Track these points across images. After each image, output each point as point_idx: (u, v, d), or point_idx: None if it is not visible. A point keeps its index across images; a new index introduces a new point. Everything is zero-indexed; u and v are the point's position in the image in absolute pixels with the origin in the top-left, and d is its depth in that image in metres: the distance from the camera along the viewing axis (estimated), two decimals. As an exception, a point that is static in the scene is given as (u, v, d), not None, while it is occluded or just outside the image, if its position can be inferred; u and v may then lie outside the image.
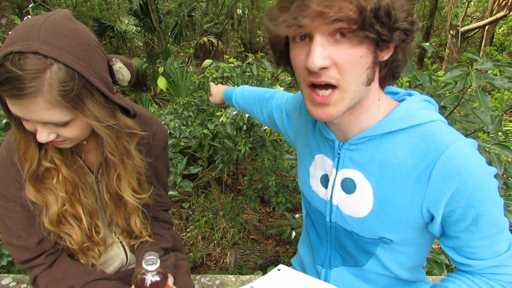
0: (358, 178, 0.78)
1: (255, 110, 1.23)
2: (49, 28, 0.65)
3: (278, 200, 2.49)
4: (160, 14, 7.50)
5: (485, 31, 7.53)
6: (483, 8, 11.10)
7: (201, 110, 2.85)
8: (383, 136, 0.74)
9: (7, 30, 3.07)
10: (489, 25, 7.13)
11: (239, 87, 1.31)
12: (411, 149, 0.71)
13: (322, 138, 0.86)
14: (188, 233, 2.73)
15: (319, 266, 0.96)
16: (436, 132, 0.70)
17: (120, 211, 0.96)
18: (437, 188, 0.68)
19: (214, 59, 2.88)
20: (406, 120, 0.72)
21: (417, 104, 0.75)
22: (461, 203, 0.67)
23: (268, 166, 2.86)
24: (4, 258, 1.47)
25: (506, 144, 1.41)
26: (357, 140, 0.76)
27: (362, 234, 0.81)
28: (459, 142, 0.67)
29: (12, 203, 0.82)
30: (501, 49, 10.19)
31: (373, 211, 0.77)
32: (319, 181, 0.88)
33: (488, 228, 0.69)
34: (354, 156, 0.78)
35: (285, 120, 1.06)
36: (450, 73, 1.37)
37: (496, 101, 4.36)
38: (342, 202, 0.82)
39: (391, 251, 0.83)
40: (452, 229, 0.72)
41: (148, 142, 0.97)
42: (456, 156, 0.66)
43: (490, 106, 1.32)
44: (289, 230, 2.01)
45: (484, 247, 0.72)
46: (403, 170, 0.72)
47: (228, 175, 3.43)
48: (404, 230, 0.76)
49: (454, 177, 0.66)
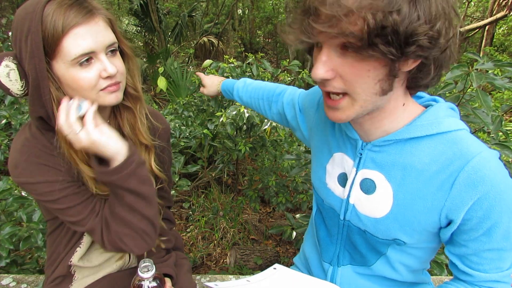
0: (379, 180, 0.78)
1: (262, 105, 1.21)
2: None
3: (278, 200, 2.49)
4: (160, 14, 7.49)
5: (485, 31, 7.53)
6: (483, 8, 11.10)
7: (201, 110, 2.85)
8: (408, 141, 0.74)
9: (7, 30, 3.06)
10: (489, 25, 7.13)
11: (241, 80, 1.27)
12: (436, 156, 0.71)
13: (343, 137, 0.85)
14: (188, 233, 2.73)
15: (326, 263, 0.96)
16: (463, 141, 0.70)
17: None
18: (459, 196, 0.69)
19: (214, 59, 2.87)
20: (434, 126, 0.72)
21: (444, 111, 0.75)
22: (479, 212, 0.68)
23: (268, 166, 2.85)
24: (2, 259, 1.47)
25: (506, 144, 1.41)
26: (382, 142, 0.76)
27: (376, 234, 0.82)
28: (485, 153, 0.68)
29: (55, 171, 0.81)
30: (501, 50, 10.19)
31: (391, 212, 0.77)
32: (336, 179, 0.87)
33: (498, 241, 0.70)
34: (377, 158, 0.78)
35: (298, 116, 1.05)
36: (451, 73, 1.37)
37: (496, 101, 4.36)
38: (360, 201, 0.82)
39: (401, 253, 0.83)
40: (463, 238, 0.73)
41: (155, 131, 0.99)
42: (482, 166, 0.67)
43: (491, 106, 1.32)
44: (290, 230, 2.00)
45: (490, 260, 0.73)
46: (426, 175, 0.72)
47: (228, 175, 3.43)
48: (419, 233, 0.77)
49: (477, 187, 0.66)
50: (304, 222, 1.92)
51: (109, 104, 0.82)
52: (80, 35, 0.73)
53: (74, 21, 0.72)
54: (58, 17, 0.72)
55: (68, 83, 0.77)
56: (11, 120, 1.84)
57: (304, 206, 2.37)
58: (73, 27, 0.73)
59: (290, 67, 2.47)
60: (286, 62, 2.59)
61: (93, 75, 0.77)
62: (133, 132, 0.92)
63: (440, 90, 1.51)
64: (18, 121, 1.82)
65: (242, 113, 2.15)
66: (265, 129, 2.53)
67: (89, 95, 0.79)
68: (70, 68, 0.75)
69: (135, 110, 0.92)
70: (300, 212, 2.32)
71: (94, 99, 0.80)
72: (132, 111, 0.92)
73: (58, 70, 0.76)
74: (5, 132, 1.82)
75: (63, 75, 0.76)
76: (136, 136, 0.93)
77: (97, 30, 0.76)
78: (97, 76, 0.77)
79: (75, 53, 0.73)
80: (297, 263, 1.16)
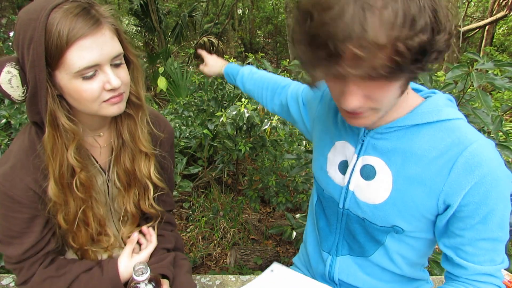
0: (379, 165, 0.80)
1: (264, 95, 1.21)
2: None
3: (278, 200, 2.49)
4: (161, 14, 7.49)
5: (485, 31, 7.53)
6: (483, 8, 11.10)
7: (201, 110, 2.85)
8: (410, 128, 0.77)
9: (7, 30, 3.07)
10: (489, 25, 7.13)
11: (247, 67, 1.27)
12: (435, 142, 0.74)
13: (345, 125, 0.87)
14: (188, 233, 2.73)
15: (325, 253, 0.97)
16: (462, 128, 0.73)
17: (131, 192, 0.98)
18: (457, 180, 0.70)
19: (214, 59, 2.87)
20: (434, 114, 0.74)
21: (444, 101, 0.78)
22: (476, 197, 0.69)
23: (268, 166, 2.85)
24: (2, 260, 1.47)
25: (506, 144, 1.41)
26: (385, 129, 0.78)
27: (374, 222, 0.83)
28: (482, 141, 0.71)
29: (18, 204, 0.81)
30: (501, 50, 10.19)
31: (390, 198, 0.79)
32: (337, 167, 0.89)
33: (494, 229, 0.71)
34: (378, 144, 0.80)
35: (302, 110, 1.07)
36: (451, 73, 1.37)
37: (496, 101, 4.36)
38: (359, 188, 0.83)
39: (399, 242, 0.84)
40: (459, 226, 0.73)
41: (156, 139, 0.99)
42: (479, 152, 0.69)
43: (491, 106, 1.32)
44: (290, 230, 2.00)
45: (485, 251, 0.73)
46: (425, 161, 0.74)
47: (228, 175, 3.43)
48: (417, 219, 0.78)
49: (474, 171, 0.68)
50: (304, 222, 1.92)
51: (110, 115, 0.82)
52: (85, 47, 0.71)
53: (80, 32, 0.70)
54: (63, 27, 0.69)
55: (71, 93, 0.76)
56: (11, 120, 1.84)
57: (304, 206, 2.37)
58: (78, 38, 0.70)
59: (290, 67, 2.47)
60: (286, 62, 2.59)
61: (96, 87, 0.75)
62: (132, 140, 0.92)
63: (440, 90, 1.51)
64: (18, 120, 1.83)
65: (242, 113, 2.15)
66: (265, 129, 2.53)
67: (91, 106, 0.78)
68: (73, 79, 0.73)
69: (137, 118, 0.91)
70: (300, 212, 2.32)
71: (96, 111, 0.79)
72: (133, 118, 0.91)
73: (60, 81, 0.74)
74: (5, 132, 1.82)
75: (65, 85, 0.75)
76: (136, 144, 0.92)
77: (103, 42, 0.74)
78: (100, 88, 0.76)
79: (79, 66, 0.71)
80: (297, 263, 1.16)
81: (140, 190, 0.99)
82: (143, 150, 0.93)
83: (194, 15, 9.37)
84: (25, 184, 0.80)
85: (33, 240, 0.84)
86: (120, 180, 0.95)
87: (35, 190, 0.81)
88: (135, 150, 0.93)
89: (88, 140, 0.90)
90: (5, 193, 0.79)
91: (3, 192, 0.79)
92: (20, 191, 0.80)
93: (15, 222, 0.83)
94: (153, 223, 1.05)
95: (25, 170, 0.80)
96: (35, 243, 0.85)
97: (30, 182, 0.80)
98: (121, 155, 0.94)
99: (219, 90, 2.71)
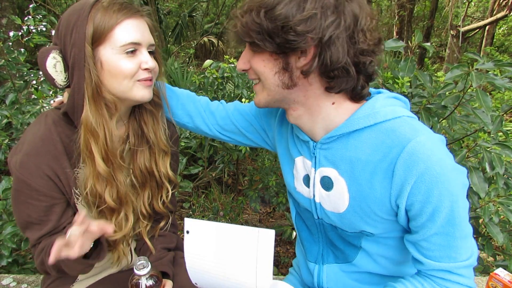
0: (334, 176, 0.81)
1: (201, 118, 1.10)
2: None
3: (279, 200, 2.49)
4: (161, 14, 7.49)
5: (486, 31, 7.53)
6: (484, 8, 11.10)
7: (202, 110, 2.84)
8: (350, 134, 0.77)
9: (7, 30, 3.07)
10: (489, 25, 7.13)
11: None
12: (377, 145, 0.74)
13: (299, 141, 0.89)
14: (189, 233, 2.73)
15: (311, 263, 0.98)
16: (400, 128, 0.72)
17: (145, 192, 0.99)
18: (400, 181, 0.71)
19: (215, 59, 2.88)
20: (370, 118, 0.74)
21: (382, 101, 0.77)
22: (418, 196, 0.69)
23: (269, 166, 2.85)
24: (4, 258, 1.47)
25: (506, 144, 1.41)
26: (327, 139, 0.80)
27: (344, 229, 0.84)
28: (421, 138, 0.69)
29: (35, 192, 0.83)
30: (502, 50, 10.18)
31: (350, 206, 0.80)
32: (302, 181, 0.90)
33: (443, 225, 0.70)
34: (328, 155, 0.81)
35: (263, 120, 1.04)
36: (451, 73, 1.37)
37: (496, 101, 4.36)
38: (323, 199, 0.85)
39: (376, 244, 0.85)
40: (413, 224, 0.75)
41: (171, 136, 1.03)
42: (415, 150, 0.68)
43: (490, 106, 1.32)
44: (290, 230, 2.00)
45: (439, 246, 0.73)
46: (371, 165, 0.75)
47: (228, 175, 3.43)
48: (380, 223, 0.79)
49: (412, 171, 0.68)
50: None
51: (141, 98, 0.86)
52: (130, 26, 0.82)
53: (128, 14, 0.82)
54: (113, 10, 0.80)
55: (110, 68, 0.81)
56: (12, 120, 1.84)
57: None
58: (127, 18, 0.81)
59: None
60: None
61: (134, 65, 0.83)
62: (155, 137, 0.96)
63: (440, 90, 1.51)
64: (20, 120, 1.83)
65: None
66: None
67: (126, 83, 0.83)
68: (116, 54, 0.81)
69: (158, 116, 0.96)
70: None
71: (129, 88, 0.84)
72: (155, 117, 0.96)
73: (103, 55, 0.81)
74: (5, 132, 1.82)
75: (107, 59, 0.81)
76: (158, 141, 0.96)
77: (144, 28, 0.85)
78: (137, 66, 0.83)
79: (125, 41, 0.80)
80: (294, 265, 1.18)
81: (155, 190, 1.01)
82: (163, 148, 0.97)
83: (194, 15, 9.37)
84: (42, 171, 0.82)
85: (49, 228, 0.86)
86: (136, 178, 0.97)
87: (51, 177, 0.83)
88: (156, 148, 0.96)
89: None
90: (23, 181, 0.81)
91: (21, 180, 0.81)
92: (36, 178, 0.82)
93: (34, 210, 0.84)
94: (166, 223, 1.07)
95: (41, 157, 0.82)
96: (50, 230, 0.86)
97: (46, 169, 0.82)
98: (138, 153, 0.96)
99: (219, 90, 2.71)
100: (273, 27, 0.68)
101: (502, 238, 1.39)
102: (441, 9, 10.58)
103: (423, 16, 10.90)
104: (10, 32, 1.93)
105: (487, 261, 2.04)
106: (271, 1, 0.68)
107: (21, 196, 0.83)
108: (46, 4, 4.92)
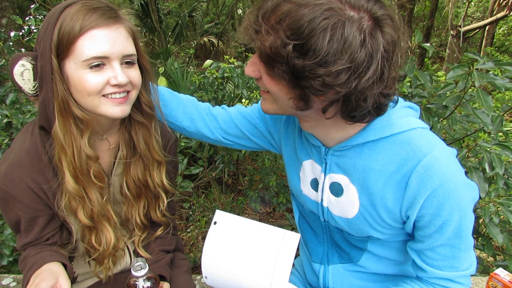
0: (345, 182, 0.81)
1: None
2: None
3: (279, 200, 2.49)
4: (161, 14, 7.49)
5: (486, 31, 7.53)
6: (484, 8, 11.09)
7: (202, 110, 2.84)
8: (365, 144, 0.76)
9: (7, 30, 3.07)
10: (489, 25, 7.13)
11: None
12: (392, 156, 0.74)
13: (309, 145, 0.88)
14: (189, 233, 2.73)
15: (316, 264, 0.98)
16: (416, 140, 0.72)
17: (140, 203, 0.97)
18: (413, 194, 0.71)
19: (215, 59, 2.87)
20: (387, 129, 0.74)
21: (398, 112, 0.76)
22: (429, 210, 0.70)
23: (269, 166, 2.85)
24: (5, 258, 1.47)
25: (506, 144, 1.41)
26: (342, 147, 0.79)
27: (351, 233, 0.85)
28: (436, 152, 0.70)
29: (19, 203, 0.82)
30: (502, 50, 10.18)
31: (360, 213, 0.80)
32: (310, 185, 0.90)
33: (450, 238, 0.72)
34: (340, 162, 0.81)
35: (269, 124, 1.03)
36: (452, 73, 1.37)
37: (497, 102, 4.36)
38: (332, 204, 0.85)
39: (381, 246, 0.86)
40: (419, 234, 0.76)
41: (166, 144, 0.99)
42: (431, 165, 0.69)
43: (491, 106, 1.32)
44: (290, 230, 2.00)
45: (444, 256, 0.75)
46: (384, 176, 0.75)
47: (228, 175, 3.42)
48: (387, 229, 0.80)
49: (427, 185, 0.69)
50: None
51: (111, 115, 0.79)
52: (96, 37, 0.72)
53: (94, 22, 0.72)
54: (78, 18, 0.71)
55: (75, 83, 0.76)
56: (12, 120, 1.84)
57: (304, 206, 2.37)
58: (91, 28, 0.72)
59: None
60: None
61: (101, 81, 0.75)
62: (147, 149, 0.92)
63: (441, 90, 1.51)
64: (20, 120, 1.83)
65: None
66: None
67: (92, 100, 0.77)
68: (80, 69, 0.74)
69: (150, 127, 0.91)
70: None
71: (96, 106, 0.78)
72: (147, 128, 0.91)
73: (68, 69, 0.75)
74: (6, 132, 1.82)
75: (72, 74, 0.75)
76: (150, 153, 0.92)
77: (116, 37, 0.75)
78: (104, 81, 0.76)
79: (88, 55, 0.72)
80: (297, 265, 1.17)
81: (151, 200, 0.98)
82: (156, 158, 0.93)
83: (194, 15, 9.36)
84: (25, 184, 0.80)
85: (31, 238, 0.86)
86: (130, 190, 0.94)
87: (34, 190, 0.81)
88: (149, 160, 0.93)
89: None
90: (7, 192, 0.80)
91: (5, 191, 0.80)
92: (19, 190, 0.80)
93: (19, 220, 0.85)
94: (164, 231, 1.05)
95: (24, 170, 0.80)
96: (33, 240, 0.86)
97: (29, 182, 0.81)
98: (131, 165, 0.92)
99: (219, 90, 2.71)
100: (300, 67, 0.60)
101: (502, 238, 1.39)
102: (441, 9, 10.58)
103: (423, 16, 10.90)
104: (11, 32, 1.93)
105: (487, 261, 2.04)
106: (304, 32, 0.58)
107: (7, 204, 0.83)
108: (47, 4, 4.92)
